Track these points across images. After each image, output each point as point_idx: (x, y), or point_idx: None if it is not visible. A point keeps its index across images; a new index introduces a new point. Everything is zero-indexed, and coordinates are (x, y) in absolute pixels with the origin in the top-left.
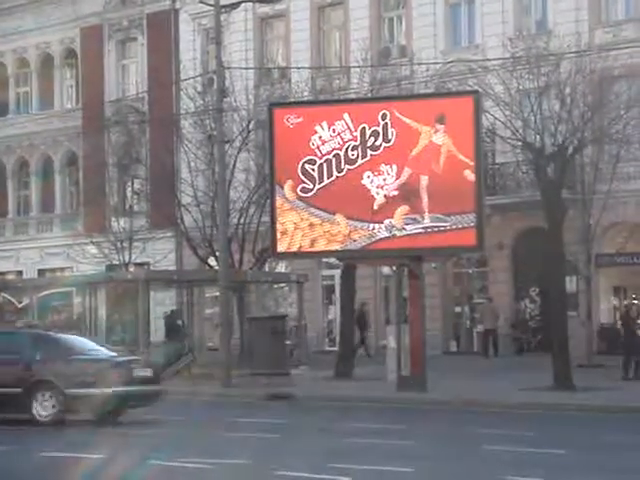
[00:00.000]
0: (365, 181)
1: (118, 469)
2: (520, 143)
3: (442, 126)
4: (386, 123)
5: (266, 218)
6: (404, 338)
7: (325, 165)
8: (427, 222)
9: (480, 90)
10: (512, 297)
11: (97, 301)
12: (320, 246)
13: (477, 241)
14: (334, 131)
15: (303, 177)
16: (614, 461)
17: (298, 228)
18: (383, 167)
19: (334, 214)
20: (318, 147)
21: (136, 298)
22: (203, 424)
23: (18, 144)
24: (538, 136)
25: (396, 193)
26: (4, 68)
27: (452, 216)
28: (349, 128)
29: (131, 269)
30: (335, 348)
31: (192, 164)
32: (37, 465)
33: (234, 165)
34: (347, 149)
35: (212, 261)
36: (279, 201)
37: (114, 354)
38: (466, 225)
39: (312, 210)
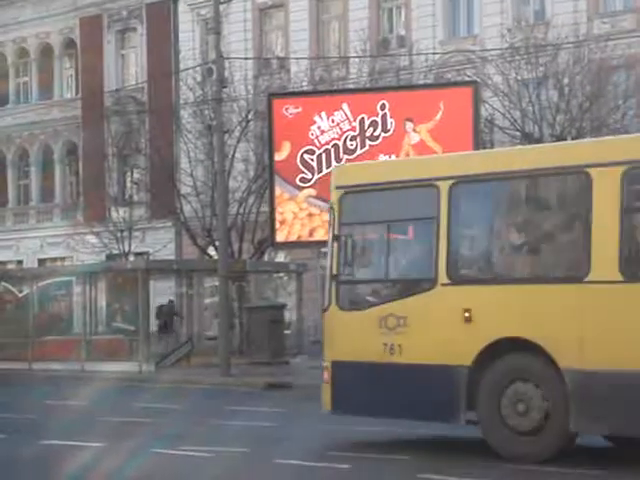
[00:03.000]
0: None
1: (119, 457)
2: (519, 133)
3: (440, 117)
4: (385, 113)
5: (265, 208)
6: None
7: (324, 155)
8: None
9: (479, 80)
10: None
11: (97, 290)
12: (319, 236)
13: None
14: (333, 121)
15: (302, 167)
16: None
17: (297, 218)
18: (382, 157)
19: None
20: (317, 137)
21: (136, 287)
22: (202, 413)
23: (18, 134)
24: (536, 126)
25: None
26: (4, 58)
27: None
28: (348, 118)
29: (131, 259)
30: None
31: (191, 154)
32: (36, 454)
33: (233, 155)
34: (346, 139)
35: (211, 251)
36: (278, 191)
37: None
38: None
39: (311, 200)
